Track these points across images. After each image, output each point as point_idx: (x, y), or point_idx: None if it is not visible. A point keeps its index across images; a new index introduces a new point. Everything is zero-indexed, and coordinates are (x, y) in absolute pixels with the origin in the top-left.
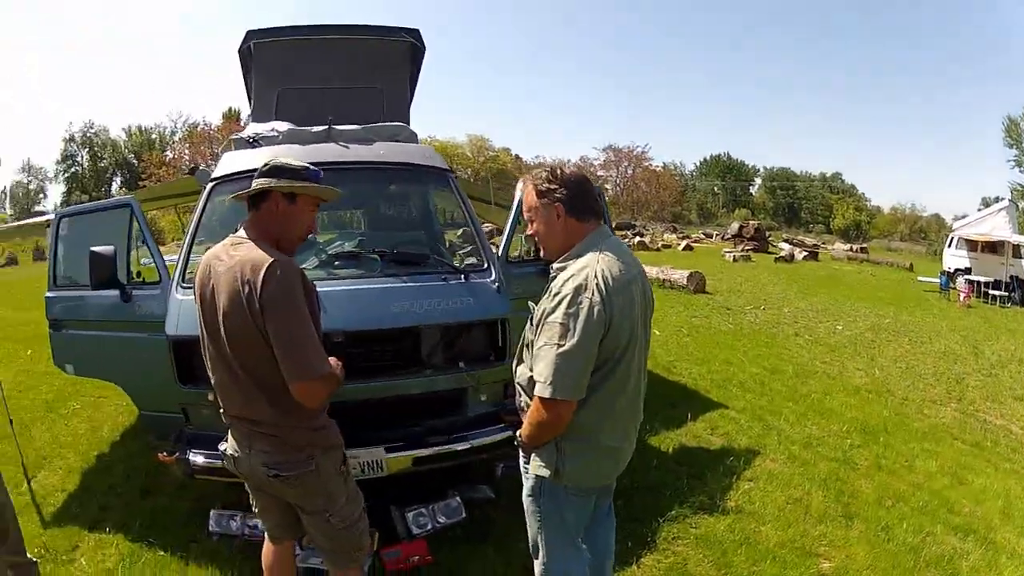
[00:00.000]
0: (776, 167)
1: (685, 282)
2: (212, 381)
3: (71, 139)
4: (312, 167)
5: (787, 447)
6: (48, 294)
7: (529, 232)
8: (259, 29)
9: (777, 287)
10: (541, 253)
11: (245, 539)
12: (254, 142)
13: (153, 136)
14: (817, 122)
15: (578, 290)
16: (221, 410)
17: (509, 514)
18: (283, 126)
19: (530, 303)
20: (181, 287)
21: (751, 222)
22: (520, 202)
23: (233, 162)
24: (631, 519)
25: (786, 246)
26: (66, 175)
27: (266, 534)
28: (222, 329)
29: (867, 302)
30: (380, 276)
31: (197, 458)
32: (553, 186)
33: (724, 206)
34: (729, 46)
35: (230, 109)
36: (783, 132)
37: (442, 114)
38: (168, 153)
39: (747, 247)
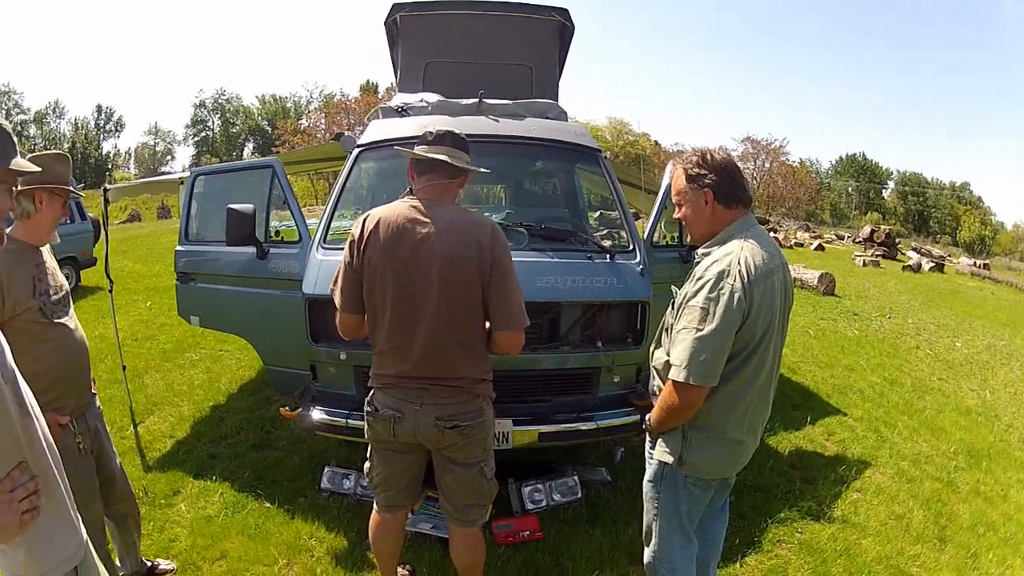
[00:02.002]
0: (909, 171)
1: (816, 283)
2: (381, 339)
3: (201, 104)
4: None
5: (897, 462)
6: (178, 248)
7: (677, 216)
8: (405, 2)
9: (902, 296)
10: (687, 238)
11: (356, 499)
12: (403, 111)
13: (288, 105)
14: (954, 127)
15: (720, 275)
16: (379, 371)
17: (622, 500)
18: (432, 97)
19: (672, 287)
20: (323, 248)
21: (882, 227)
22: (668, 187)
23: (381, 130)
24: (740, 517)
25: (914, 255)
26: (196, 139)
27: (377, 505)
28: (435, 289)
29: (985, 321)
30: (526, 250)
31: (320, 415)
32: (703, 171)
33: (856, 208)
34: (871, 45)
35: (367, 82)
36: (918, 135)
37: (583, 95)
38: (303, 121)
39: (876, 252)
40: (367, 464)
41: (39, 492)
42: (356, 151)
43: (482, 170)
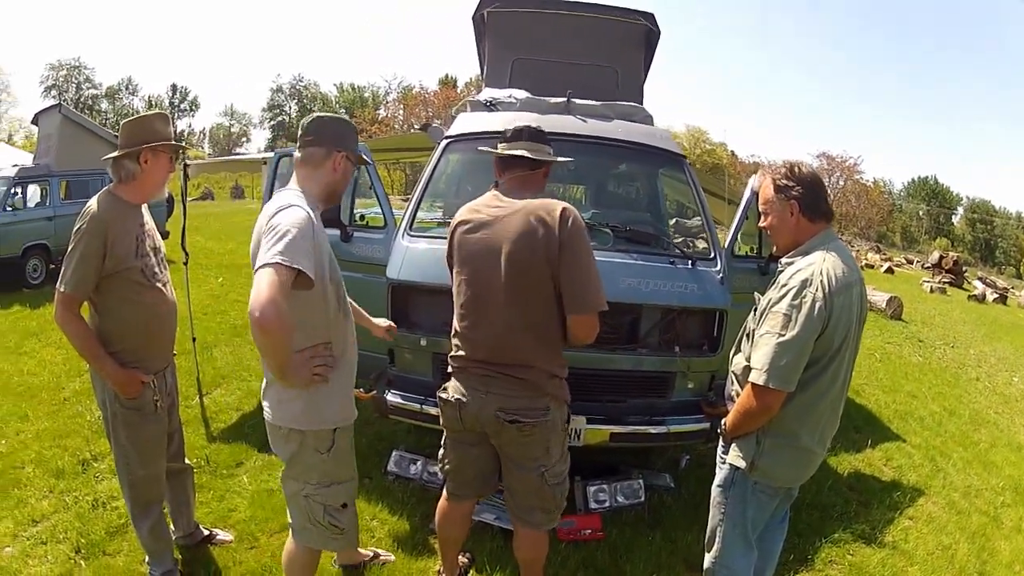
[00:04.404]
0: (978, 198)
1: (884, 306)
2: (457, 321)
3: (279, 89)
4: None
5: (949, 493)
6: None
7: (762, 224)
8: None
9: (966, 326)
10: (765, 250)
11: (422, 484)
12: (491, 106)
13: (366, 95)
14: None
15: (804, 283)
16: (454, 354)
17: (683, 507)
18: (521, 93)
19: (756, 293)
20: (408, 234)
21: (951, 254)
22: (750, 198)
23: (469, 123)
24: (796, 534)
25: (979, 284)
26: (272, 123)
27: (446, 492)
28: (503, 269)
29: None
30: (611, 250)
31: (396, 398)
32: (790, 183)
33: (926, 232)
34: (949, 75)
35: (447, 76)
36: (990, 162)
37: (661, 100)
38: (381, 111)
39: (944, 279)
40: (440, 451)
41: (331, 368)
42: (444, 142)
43: (564, 160)
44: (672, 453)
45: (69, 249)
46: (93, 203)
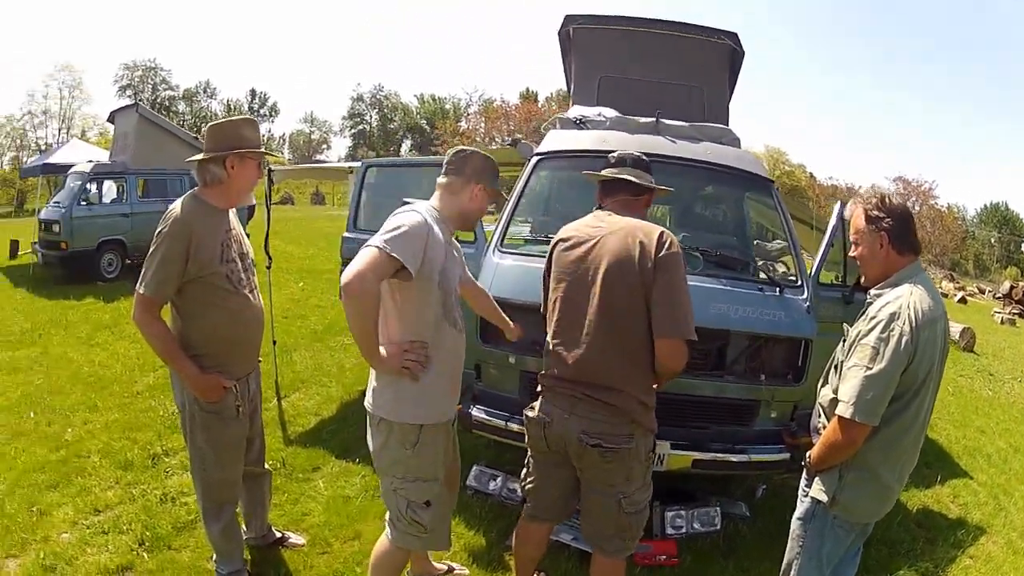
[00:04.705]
0: None
1: (957, 337)
2: (549, 338)
3: (359, 98)
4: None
5: (1008, 532)
6: (346, 234)
7: (852, 254)
8: (578, 15)
9: None
10: (862, 279)
11: (500, 500)
12: (580, 123)
13: (447, 106)
14: None
15: (892, 317)
16: (543, 372)
17: (757, 537)
18: (610, 112)
19: (845, 325)
20: (499, 250)
21: (1020, 283)
22: (836, 225)
23: (559, 140)
24: (864, 569)
25: None
26: (352, 131)
27: (526, 512)
28: (598, 288)
29: None
30: (700, 274)
31: (480, 414)
32: (881, 214)
33: (998, 261)
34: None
35: (527, 90)
36: None
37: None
38: (463, 124)
39: (1014, 310)
40: (524, 470)
41: (423, 367)
42: (535, 159)
43: (666, 188)
44: (750, 482)
45: (150, 251)
46: (177, 206)
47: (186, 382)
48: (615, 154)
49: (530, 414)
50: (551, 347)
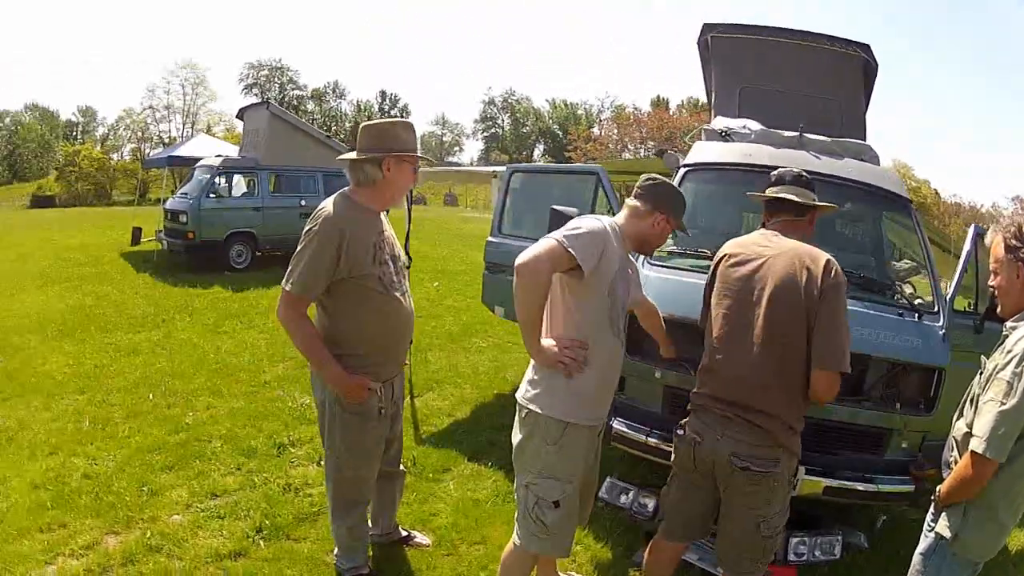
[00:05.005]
0: None
1: None
2: (707, 354)
3: (491, 102)
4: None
5: None
6: (491, 239)
7: (991, 283)
8: (716, 23)
9: None
10: (998, 309)
11: (630, 514)
12: (726, 136)
13: (579, 111)
14: None
15: None
16: (697, 390)
17: (874, 568)
18: (755, 125)
19: (982, 356)
20: (649, 263)
21: None
22: (970, 250)
23: (706, 152)
24: None
25: None
26: (484, 134)
27: (662, 530)
28: (763, 309)
29: None
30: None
31: (620, 426)
32: (1019, 243)
33: None
34: None
35: (658, 97)
36: None
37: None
38: (595, 129)
39: None
40: (664, 488)
41: (580, 366)
42: (682, 170)
43: (830, 205)
44: (873, 512)
45: (299, 248)
46: (328, 205)
47: (329, 382)
48: (775, 172)
49: (680, 433)
50: (708, 364)
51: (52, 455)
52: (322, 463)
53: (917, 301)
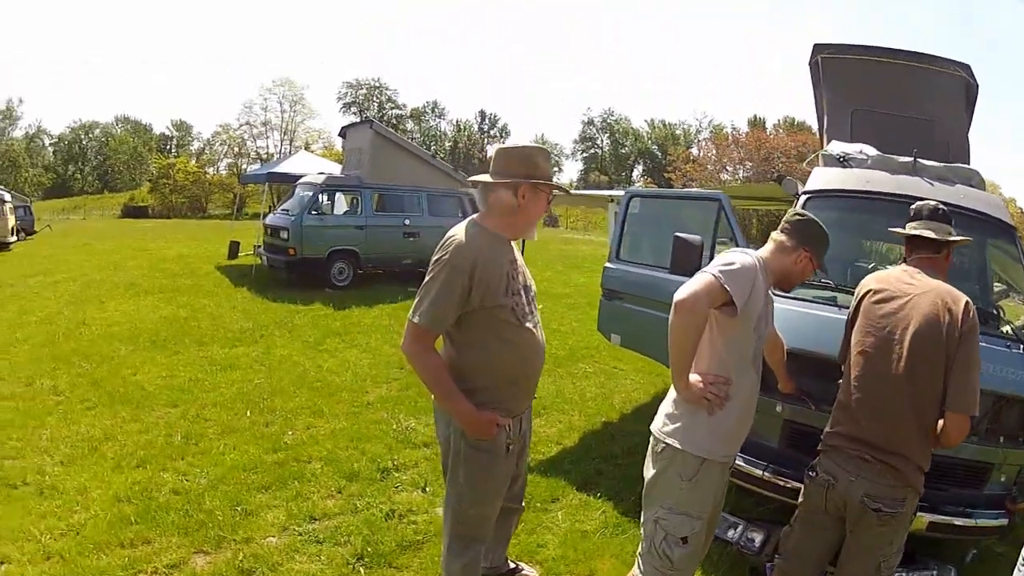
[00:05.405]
0: None
1: None
2: (844, 391)
3: (590, 122)
4: None
5: None
6: (608, 265)
7: None
8: (826, 44)
9: None
10: None
11: (737, 549)
12: (844, 162)
13: (677, 132)
14: None
15: None
16: (830, 429)
17: None
18: (871, 150)
19: None
20: (770, 293)
21: None
22: None
23: (825, 178)
24: None
25: None
26: (584, 155)
27: (779, 569)
28: (905, 350)
29: None
30: None
31: (737, 460)
32: None
33: None
34: None
35: (755, 116)
36: None
37: None
38: (693, 150)
39: None
40: (786, 528)
41: (723, 402)
42: (803, 196)
43: (965, 239)
44: (963, 545)
45: (427, 278)
46: (460, 233)
47: (456, 417)
48: (914, 206)
49: (812, 475)
50: (845, 401)
51: (139, 468)
52: (427, 489)
53: (1007, 327)
